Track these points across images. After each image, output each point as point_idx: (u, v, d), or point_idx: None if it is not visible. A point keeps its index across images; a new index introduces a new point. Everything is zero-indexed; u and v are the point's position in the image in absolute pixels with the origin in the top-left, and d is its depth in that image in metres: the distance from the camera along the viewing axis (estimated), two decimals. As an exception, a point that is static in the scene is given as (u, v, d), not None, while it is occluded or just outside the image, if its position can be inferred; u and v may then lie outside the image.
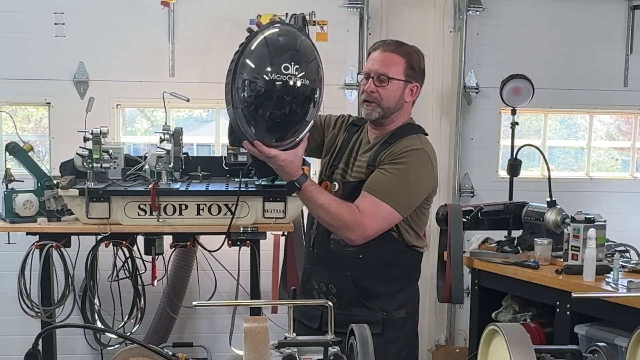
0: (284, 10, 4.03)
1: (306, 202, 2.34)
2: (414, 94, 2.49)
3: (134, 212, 3.56)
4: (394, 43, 2.49)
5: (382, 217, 2.32)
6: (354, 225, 2.29)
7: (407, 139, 2.43)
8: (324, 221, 2.34)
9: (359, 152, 2.51)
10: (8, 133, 4.55)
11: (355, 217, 2.29)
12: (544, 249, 3.18)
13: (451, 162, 4.85)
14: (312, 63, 2.12)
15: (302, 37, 2.16)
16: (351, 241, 2.34)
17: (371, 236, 2.33)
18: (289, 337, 1.71)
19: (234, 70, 2.07)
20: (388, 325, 2.43)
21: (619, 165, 5.49)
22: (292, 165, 2.22)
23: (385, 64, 2.43)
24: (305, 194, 2.29)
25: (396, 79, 2.42)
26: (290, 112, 2.07)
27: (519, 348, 1.38)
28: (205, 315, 4.62)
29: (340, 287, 2.43)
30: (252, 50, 2.07)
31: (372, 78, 2.43)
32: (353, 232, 2.30)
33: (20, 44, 4.44)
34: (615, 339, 2.78)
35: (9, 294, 3.93)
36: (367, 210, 2.30)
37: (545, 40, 4.88)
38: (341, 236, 2.35)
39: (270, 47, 2.07)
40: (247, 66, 2.05)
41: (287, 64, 2.04)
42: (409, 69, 2.44)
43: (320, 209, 2.30)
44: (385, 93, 2.42)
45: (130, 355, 1.77)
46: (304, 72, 2.06)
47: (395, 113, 2.46)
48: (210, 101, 4.61)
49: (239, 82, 2.05)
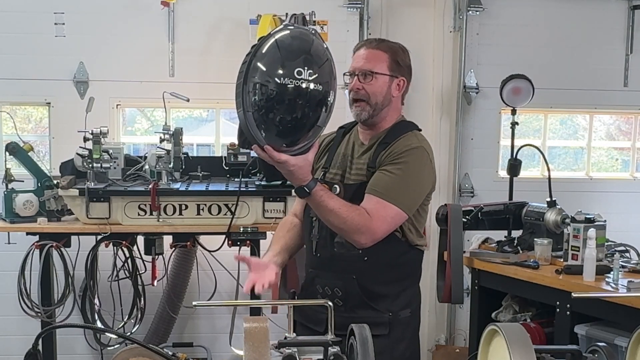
0: (284, 10, 4.05)
1: (316, 207, 2.31)
2: (401, 88, 2.48)
3: (134, 212, 3.57)
4: (377, 40, 2.51)
5: (389, 218, 2.33)
6: (364, 228, 2.28)
7: (404, 137, 2.43)
8: (333, 225, 2.33)
9: (354, 155, 2.50)
10: (8, 133, 4.55)
11: (365, 220, 2.29)
12: (544, 249, 3.18)
13: (451, 162, 4.85)
14: (324, 65, 2.06)
15: (315, 39, 2.13)
16: (361, 245, 2.33)
17: (380, 238, 2.33)
18: (289, 337, 1.71)
19: (245, 72, 2.03)
20: (395, 325, 2.43)
21: (619, 165, 5.50)
22: (301, 170, 2.20)
23: (368, 60, 2.43)
24: (315, 199, 2.27)
25: (381, 73, 2.42)
26: (302, 116, 2.03)
27: (519, 348, 1.38)
28: (205, 315, 4.62)
29: (346, 290, 2.43)
30: (263, 54, 2.04)
31: (357, 76, 2.43)
32: (363, 236, 2.30)
33: (20, 44, 4.44)
34: (615, 339, 2.77)
35: (9, 294, 3.92)
36: (375, 213, 2.30)
37: (545, 40, 4.88)
38: (351, 240, 2.34)
39: (282, 50, 2.04)
40: (259, 69, 2.02)
41: (299, 68, 1.99)
42: (393, 63, 2.44)
43: (330, 213, 2.29)
44: (371, 89, 2.42)
45: (130, 355, 1.76)
46: (317, 75, 2.01)
47: (385, 109, 2.46)
48: (210, 101, 4.62)
49: (250, 86, 2.01)
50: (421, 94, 4.76)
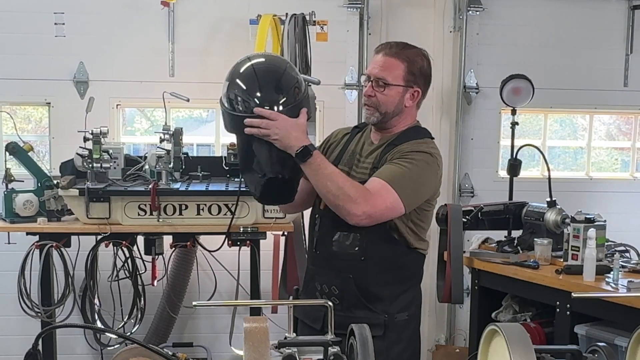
0: (284, 10, 4.05)
1: (314, 171, 2.26)
2: (415, 98, 2.46)
3: (134, 212, 3.57)
4: (397, 46, 2.45)
5: (388, 201, 2.28)
6: (360, 199, 2.23)
7: (414, 141, 2.43)
8: (329, 193, 2.26)
9: (362, 154, 2.50)
10: (8, 133, 4.55)
11: (363, 192, 2.25)
12: (544, 249, 3.18)
13: (451, 162, 4.85)
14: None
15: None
16: (355, 219, 2.26)
17: (375, 217, 2.27)
18: (289, 337, 1.71)
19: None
20: (390, 327, 2.42)
21: (619, 165, 5.50)
22: (300, 128, 2.23)
23: (384, 68, 2.40)
24: (316, 161, 2.24)
25: (394, 84, 2.40)
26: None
27: (519, 348, 1.38)
28: (205, 315, 4.62)
29: (343, 289, 2.42)
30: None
31: (372, 82, 2.42)
32: (358, 206, 2.23)
33: (20, 44, 4.44)
34: (615, 339, 2.77)
35: (9, 294, 3.93)
36: (375, 191, 2.26)
37: (545, 40, 4.88)
38: (345, 212, 2.26)
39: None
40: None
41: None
42: (408, 74, 2.41)
43: (328, 177, 2.24)
44: (383, 98, 2.40)
45: (130, 355, 1.77)
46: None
47: (396, 117, 2.44)
48: (210, 101, 4.60)
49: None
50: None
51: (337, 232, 2.42)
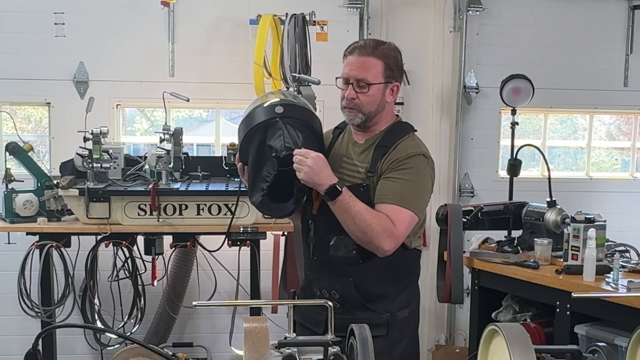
0: (284, 10, 4.05)
1: (342, 209, 2.30)
2: (394, 93, 2.48)
3: (134, 212, 3.57)
4: (370, 45, 2.46)
5: (407, 221, 2.34)
6: (387, 233, 2.29)
7: (403, 142, 2.43)
8: (357, 229, 2.30)
9: (349, 155, 2.49)
10: (8, 133, 4.55)
11: (389, 225, 2.30)
12: (544, 249, 3.18)
13: (451, 162, 4.85)
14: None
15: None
16: (383, 251, 2.32)
17: (400, 242, 2.36)
18: (289, 337, 1.71)
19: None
20: (393, 326, 2.42)
21: (619, 165, 5.50)
22: (329, 167, 2.31)
23: (363, 69, 2.40)
24: (345, 199, 2.28)
25: (376, 83, 2.40)
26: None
27: (519, 348, 1.38)
28: (205, 315, 4.62)
29: (343, 292, 2.43)
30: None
31: (352, 84, 2.41)
32: (387, 241, 2.30)
33: (20, 44, 4.44)
34: (615, 339, 2.77)
35: (9, 294, 3.92)
36: (394, 217, 2.31)
37: (545, 40, 4.88)
38: (373, 246, 2.32)
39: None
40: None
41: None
42: (387, 70, 2.42)
43: (357, 216, 2.28)
44: (365, 99, 2.40)
45: (130, 355, 1.76)
46: None
47: (378, 115, 2.46)
48: (210, 101, 4.61)
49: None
50: (421, 94, 4.76)
51: (333, 236, 2.42)
